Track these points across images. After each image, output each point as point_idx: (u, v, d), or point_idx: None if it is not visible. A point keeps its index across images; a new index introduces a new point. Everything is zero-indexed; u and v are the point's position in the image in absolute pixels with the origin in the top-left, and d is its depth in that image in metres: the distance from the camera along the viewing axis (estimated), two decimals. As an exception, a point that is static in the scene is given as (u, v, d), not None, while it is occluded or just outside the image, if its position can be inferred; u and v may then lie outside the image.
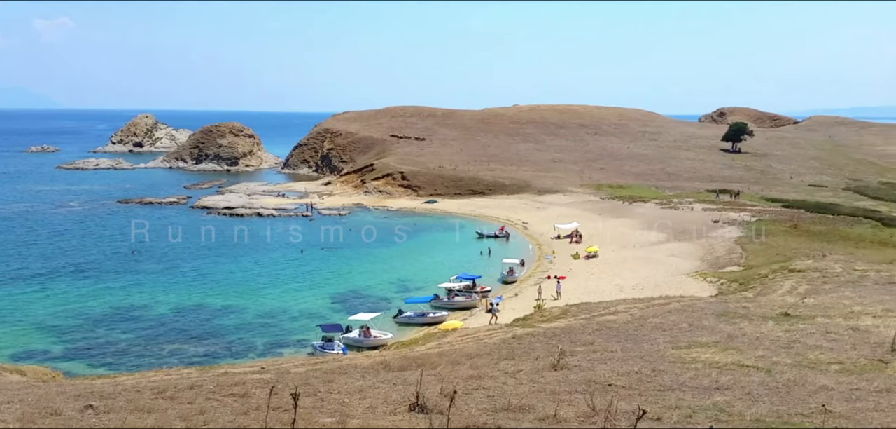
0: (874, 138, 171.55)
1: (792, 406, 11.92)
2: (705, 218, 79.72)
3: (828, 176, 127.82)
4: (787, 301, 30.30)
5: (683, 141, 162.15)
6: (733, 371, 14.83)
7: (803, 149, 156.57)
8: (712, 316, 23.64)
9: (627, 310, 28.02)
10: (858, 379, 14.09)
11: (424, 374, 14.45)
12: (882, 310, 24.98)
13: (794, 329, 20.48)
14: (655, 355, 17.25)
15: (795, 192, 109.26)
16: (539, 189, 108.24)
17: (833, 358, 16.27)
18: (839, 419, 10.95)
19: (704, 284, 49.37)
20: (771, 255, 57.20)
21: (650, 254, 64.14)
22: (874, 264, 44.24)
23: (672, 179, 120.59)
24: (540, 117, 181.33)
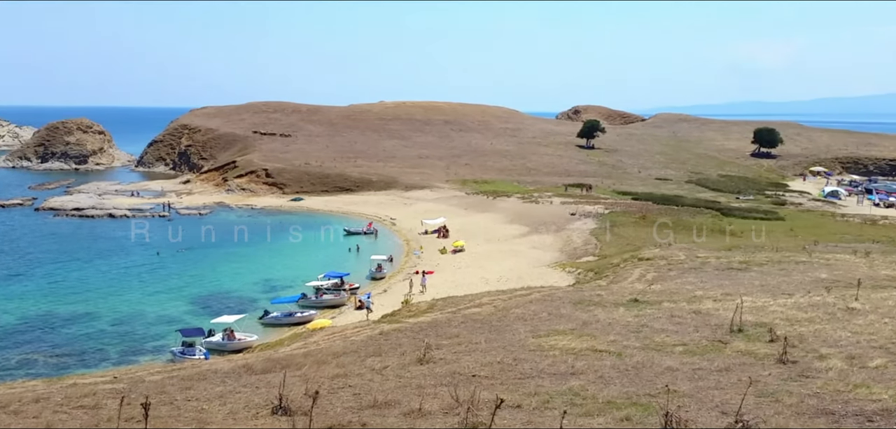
0: (714, 134, 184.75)
1: (640, 387, 12.70)
2: (563, 211, 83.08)
3: (672, 170, 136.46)
4: (637, 288, 32.21)
5: (542, 137, 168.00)
6: (588, 356, 15.61)
7: (650, 145, 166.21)
8: (569, 305, 24.74)
9: (491, 302, 28.78)
10: (700, 359, 15.19)
11: (289, 375, 14.23)
12: (722, 294, 27.04)
13: (643, 314, 21.79)
14: (517, 344, 17.85)
15: (644, 185, 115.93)
16: (406, 185, 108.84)
17: (678, 340, 17.44)
18: (683, 398, 11.77)
19: (563, 274, 51.46)
20: (622, 245, 60.43)
21: (513, 247, 66.09)
22: (714, 252, 47.74)
23: (532, 174, 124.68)
24: (406, 114, 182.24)
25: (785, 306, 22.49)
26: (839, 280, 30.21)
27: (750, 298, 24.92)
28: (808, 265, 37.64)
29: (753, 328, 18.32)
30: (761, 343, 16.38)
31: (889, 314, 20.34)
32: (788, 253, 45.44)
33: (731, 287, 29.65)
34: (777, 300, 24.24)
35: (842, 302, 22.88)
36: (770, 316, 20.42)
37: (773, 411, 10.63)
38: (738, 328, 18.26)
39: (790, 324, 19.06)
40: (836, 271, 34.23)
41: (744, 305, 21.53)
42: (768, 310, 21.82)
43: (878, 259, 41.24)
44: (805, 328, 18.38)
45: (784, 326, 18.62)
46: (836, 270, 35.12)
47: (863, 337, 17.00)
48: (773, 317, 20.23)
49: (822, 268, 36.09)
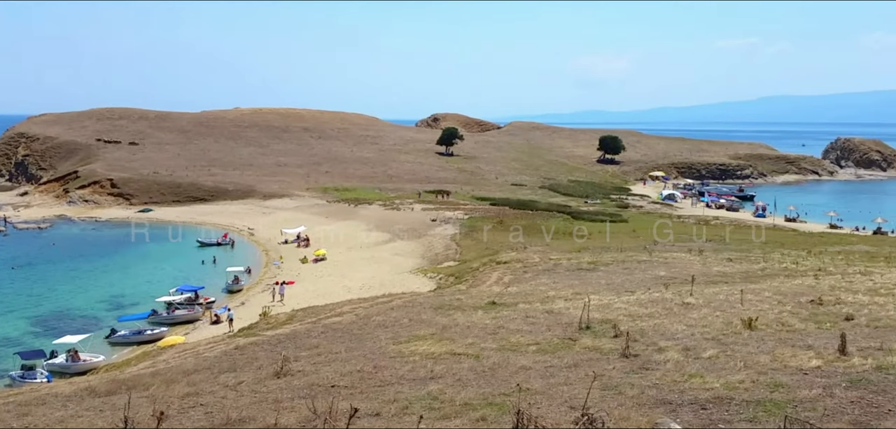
0: (564, 141, 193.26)
1: (496, 387, 13.11)
2: (425, 217, 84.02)
3: (527, 176, 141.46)
4: (494, 291, 33.16)
5: (402, 144, 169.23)
6: (447, 360, 15.92)
7: (506, 152, 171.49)
8: (430, 309, 25.11)
9: (353, 310, 28.69)
10: (552, 357, 15.87)
11: (135, 396, 13.56)
12: (572, 293, 28.37)
13: (500, 316, 22.48)
14: (378, 351, 17.90)
15: (500, 190, 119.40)
16: (264, 194, 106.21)
17: (531, 340, 18.12)
18: (535, 395, 12.25)
19: (425, 279, 52.05)
20: (481, 249, 61.96)
21: (376, 254, 66.09)
22: (566, 254, 49.98)
23: (394, 180, 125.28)
24: (263, 120, 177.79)
25: (628, 303, 23.93)
26: (676, 277, 32.51)
27: (597, 296, 26.32)
28: (649, 264, 40.23)
29: (600, 325, 19.35)
30: (607, 339, 17.33)
31: (720, 308, 22.12)
32: (631, 253, 48.32)
33: (581, 287, 31.17)
34: (621, 298, 25.74)
35: (678, 298, 24.65)
36: (615, 313, 21.66)
37: (616, 404, 11.30)
38: (586, 326, 19.23)
39: (633, 319, 20.31)
40: (673, 269, 36.82)
41: (591, 304, 22.71)
42: (613, 307, 23.13)
43: (710, 257, 44.73)
44: (646, 323, 19.64)
45: (627, 321, 19.81)
46: (673, 267, 37.77)
47: (697, 330, 18.38)
48: (618, 313, 21.48)
49: (661, 266, 38.70)
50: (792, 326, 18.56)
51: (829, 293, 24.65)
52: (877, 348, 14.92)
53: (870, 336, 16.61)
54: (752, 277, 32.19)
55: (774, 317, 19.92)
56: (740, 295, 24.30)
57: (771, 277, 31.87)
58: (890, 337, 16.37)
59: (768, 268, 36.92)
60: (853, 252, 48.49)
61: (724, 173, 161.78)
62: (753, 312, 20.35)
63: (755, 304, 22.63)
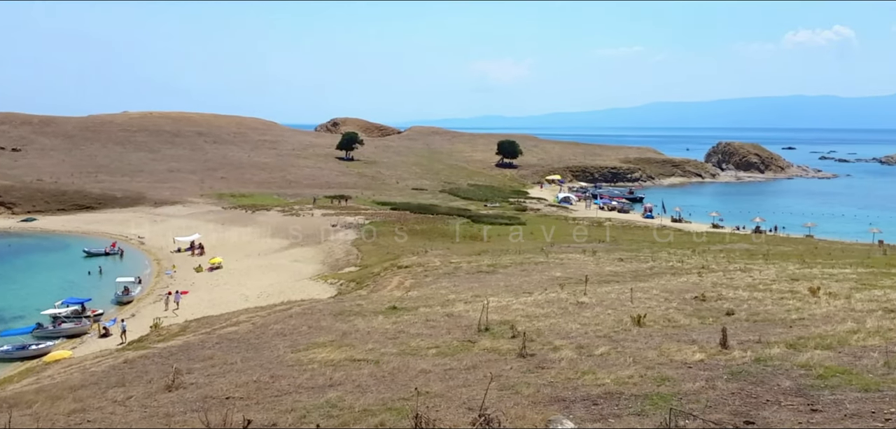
0: (463, 146, 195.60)
1: (395, 392, 13.13)
2: (325, 223, 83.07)
3: (427, 180, 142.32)
4: (396, 295, 33.18)
5: (301, 149, 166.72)
6: (346, 367, 15.80)
7: (406, 156, 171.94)
8: (330, 316, 24.84)
9: (249, 319, 28.03)
10: (451, 360, 16.02)
11: (17, 414, 12.79)
12: (472, 296, 28.74)
13: (400, 321, 22.51)
14: (275, 361, 17.57)
15: (401, 195, 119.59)
16: (156, 201, 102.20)
17: (431, 343, 18.24)
18: (434, 398, 12.35)
19: (325, 285, 51.45)
20: (382, 254, 61.84)
21: (274, 261, 64.79)
22: (466, 257, 50.57)
23: (292, 186, 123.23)
24: (153, 125, 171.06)
25: (526, 304, 24.46)
26: (571, 277, 33.47)
27: (496, 298, 26.78)
28: (546, 265, 41.26)
29: (498, 326, 19.70)
30: (505, 340, 17.66)
31: (612, 306, 22.96)
32: (529, 255, 49.41)
33: (480, 289, 31.62)
34: (519, 299, 26.28)
35: (573, 297, 25.41)
36: (513, 314, 22.10)
37: (512, 403, 11.55)
38: (485, 327, 19.52)
39: (530, 320, 20.78)
40: (569, 270, 37.89)
41: (490, 306, 23.09)
42: (511, 308, 23.60)
43: (603, 257, 46.30)
44: (542, 323, 20.14)
45: (524, 322, 20.26)
46: (568, 268, 38.87)
47: (590, 328, 19.01)
48: (516, 314, 21.93)
49: (557, 267, 39.77)
50: (678, 322, 19.49)
51: (711, 290, 26.01)
52: (755, 341, 15.86)
53: (749, 330, 17.64)
54: (641, 276, 33.55)
55: (662, 314, 20.85)
56: (630, 293, 25.29)
57: (659, 276, 33.31)
58: (767, 330, 17.45)
59: (656, 267, 38.57)
60: (734, 250, 51.36)
61: (616, 176, 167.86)
62: (642, 309, 21.22)
63: (644, 301, 23.62)
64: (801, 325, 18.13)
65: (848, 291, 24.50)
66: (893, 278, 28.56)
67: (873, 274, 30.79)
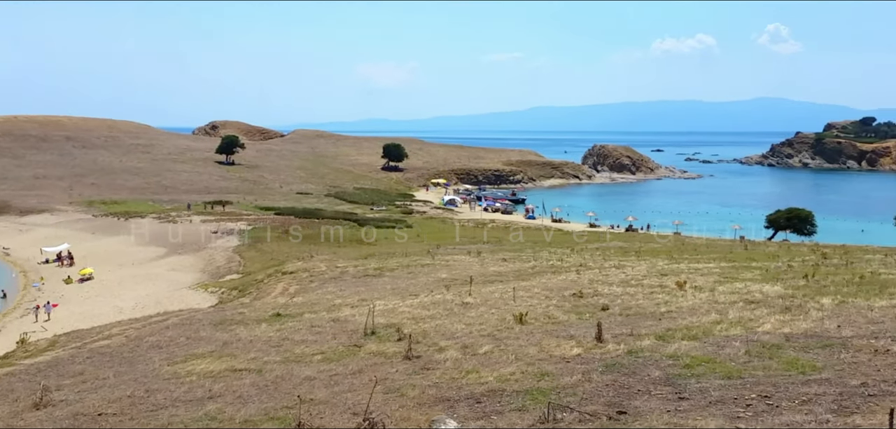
0: (348, 149, 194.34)
1: (279, 401, 12.90)
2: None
3: (312, 184, 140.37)
4: (280, 302, 32.53)
5: (178, 154, 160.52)
6: (227, 378, 15.36)
7: (290, 160, 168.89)
8: (210, 326, 24.03)
9: (123, 332, 26.70)
10: (337, 365, 15.90)
11: None
12: (358, 300, 28.58)
13: (285, 328, 22.09)
14: (151, 374, 16.85)
15: (285, 200, 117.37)
16: (21, 209, 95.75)
17: (316, 350, 18.02)
18: (318, 405, 12.23)
19: (206, 295, 49.74)
20: (266, 260, 60.46)
21: (150, 270, 62.02)
22: (352, 261, 50.23)
23: (169, 192, 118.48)
24: (17, 129, 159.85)
25: (412, 306, 24.60)
26: (456, 279, 33.92)
27: (382, 301, 26.78)
28: (432, 267, 41.61)
29: (385, 329, 19.73)
30: (391, 343, 17.71)
31: (495, 305, 23.45)
32: (416, 257, 49.68)
33: (367, 293, 31.51)
34: (405, 301, 26.39)
35: (458, 298, 25.78)
36: (399, 317, 22.18)
37: (397, 405, 11.62)
38: (371, 331, 19.50)
39: (416, 322, 20.93)
40: (454, 271, 38.38)
41: (377, 309, 23.06)
42: (398, 311, 23.67)
43: (487, 258, 47.19)
44: (428, 325, 20.33)
45: (410, 324, 20.38)
46: (454, 269, 39.37)
47: (474, 328, 19.36)
48: (402, 317, 22.03)
49: (443, 269, 40.19)
50: (557, 318, 20.17)
51: (588, 287, 27.07)
52: (628, 334, 16.67)
53: (622, 324, 18.50)
54: (523, 275, 34.44)
55: (542, 311, 21.51)
56: (513, 292, 25.93)
57: (540, 275, 34.30)
58: (639, 324, 18.36)
59: (537, 266, 39.70)
60: (609, 248, 53.61)
61: (499, 178, 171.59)
62: (524, 307, 21.81)
63: (526, 300, 24.27)
64: (670, 317, 19.19)
65: (712, 284, 26.11)
66: (753, 272, 30.69)
67: (735, 268, 32.96)
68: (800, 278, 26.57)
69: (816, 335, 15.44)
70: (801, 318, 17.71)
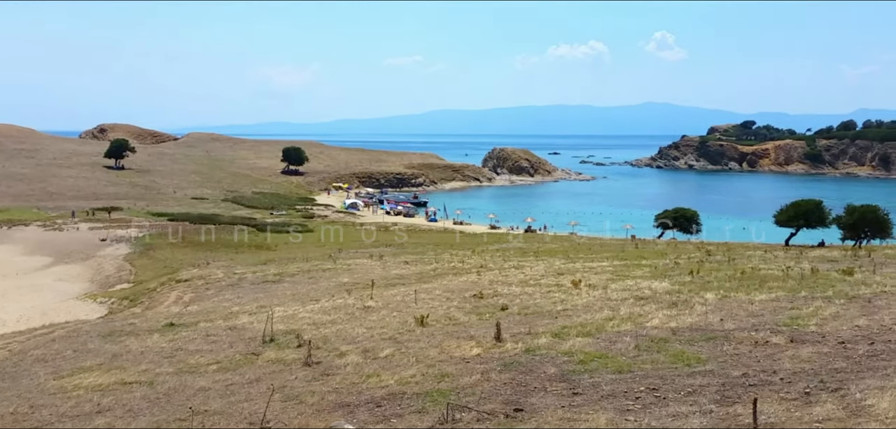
0: (246, 153, 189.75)
1: (171, 413, 12.49)
2: (93, 237, 76.52)
3: (208, 189, 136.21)
4: (173, 311, 31.42)
5: (64, 158, 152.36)
6: (116, 391, 14.73)
7: (184, 164, 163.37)
8: (98, 338, 22.95)
9: (6, 346, 25.09)
10: (233, 375, 15.52)
11: None
12: (257, 307, 27.98)
13: (178, 337, 21.36)
14: (35, 389, 15.94)
15: (180, 205, 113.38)
16: None
17: (212, 359, 17.52)
18: (213, 416, 11.91)
19: (94, 305, 47.42)
20: (159, 268, 58.23)
21: (36, 280, 58.49)
22: (251, 267, 49.11)
23: (54, 198, 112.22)
24: None
25: (312, 312, 24.32)
26: (358, 282, 33.80)
27: (282, 307, 26.34)
28: (334, 272, 41.25)
29: (284, 336, 19.41)
30: (290, 350, 17.45)
31: (397, 308, 23.51)
32: (317, 262, 49.10)
33: (266, 299, 30.91)
34: (306, 307, 26.06)
35: (360, 302, 25.68)
36: (299, 322, 21.88)
37: (296, 413, 11.47)
38: (270, 338, 19.14)
39: (316, 327, 20.71)
40: (356, 275, 38.21)
41: (276, 315, 22.67)
42: (298, 317, 23.33)
43: (390, 261, 47.21)
44: (329, 330, 20.16)
45: (311, 330, 20.14)
46: (356, 273, 39.18)
47: (376, 331, 19.34)
48: (302, 323, 21.74)
49: (345, 273, 39.91)
50: (458, 319, 20.43)
51: (488, 288, 27.55)
52: (526, 333, 17.08)
53: (520, 323, 18.94)
54: (425, 278, 34.67)
55: (443, 313, 21.73)
56: (415, 295, 26.08)
57: (442, 276, 34.62)
58: (536, 322, 18.84)
59: (439, 268, 40.05)
60: (509, 249, 54.69)
61: (401, 182, 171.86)
62: (426, 309, 21.98)
63: (427, 302, 24.46)
64: (566, 315, 19.79)
65: (605, 282, 27.11)
66: (643, 269, 32.04)
67: (626, 266, 34.32)
68: (686, 275, 27.95)
69: (701, 329, 16.30)
70: (687, 312, 18.65)
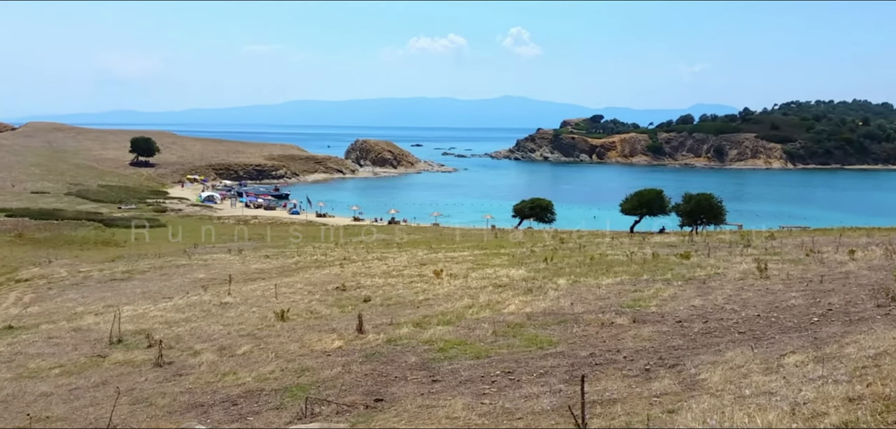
0: (91, 144, 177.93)
1: (8, 422, 11.64)
2: None
3: (50, 182, 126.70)
4: (12, 313, 29.09)
5: None
6: (-59, 404, 13.52)
7: (23, 156, 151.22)
8: (-81, 348, 20.92)
9: None
10: (77, 378, 14.64)
11: None
12: (104, 307, 26.44)
13: (18, 341, 19.88)
14: None
15: (18, 200, 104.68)
16: None
17: (55, 363, 16.45)
18: (56, 422, 11.22)
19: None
20: (-7, 268, 53.61)
21: None
22: (97, 264, 46.21)
23: None
24: None
25: (165, 310, 23.31)
26: (215, 278, 32.68)
27: (131, 306, 25.06)
28: (189, 268, 39.61)
29: (133, 337, 18.51)
30: (140, 350, 16.67)
31: (256, 304, 22.97)
32: (170, 258, 46.97)
33: (114, 298, 29.27)
34: (158, 305, 24.93)
35: (216, 298, 24.88)
36: (150, 322, 20.91)
37: (145, 416, 10.99)
38: (118, 339, 18.19)
39: (169, 326, 19.87)
40: (213, 271, 36.91)
41: (125, 315, 21.58)
42: (149, 316, 22.29)
43: (249, 255, 45.96)
44: (182, 328, 19.40)
45: (163, 329, 19.32)
46: (213, 269, 37.84)
47: (233, 328, 18.82)
48: (153, 322, 20.79)
49: (200, 269, 38.44)
50: (320, 312, 20.26)
51: (351, 280, 27.47)
52: (388, 324, 17.21)
53: (383, 314, 19.05)
54: (287, 272, 34.06)
55: (305, 306, 21.48)
56: (275, 289, 25.58)
57: (303, 270, 34.14)
58: (398, 312, 19.02)
59: (301, 261, 39.46)
60: (372, 241, 54.73)
61: (261, 174, 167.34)
62: (286, 304, 21.63)
63: (288, 296, 24.08)
64: (427, 305, 20.12)
65: (466, 271, 27.75)
66: (502, 258, 33.06)
67: (486, 255, 35.28)
68: (541, 262, 29.12)
69: (553, 313, 17.07)
70: (541, 298, 19.46)
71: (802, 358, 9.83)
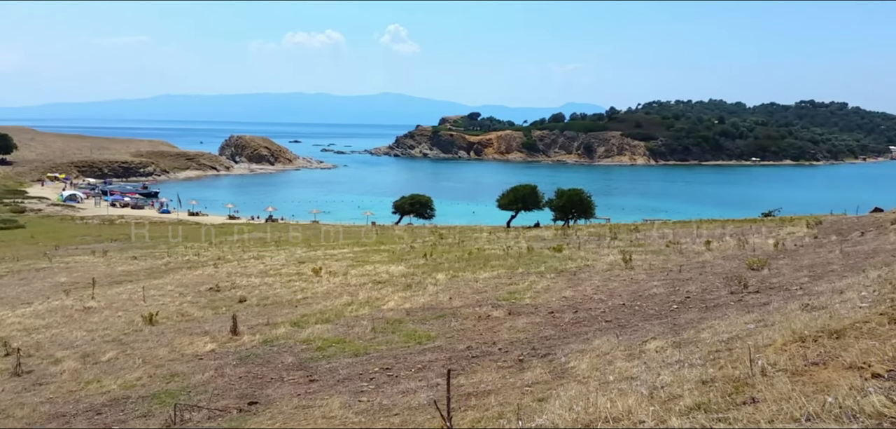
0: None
1: None
2: None
3: None
4: None
5: None
6: None
7: None
8: None
9: None
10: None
11: None
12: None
13: None
14: None
15: None
16: None
17: None
18: None
19: None
20: None
21: None
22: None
23: None
24: None
25: (23, 316, 21.80)
26: (78, 282, 30.86)
27: (-17, 315, 23.27)
28: (49, 271, 37.19)
29: (-13, 346, 17.23)
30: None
31: (123, 308, 21.88)
32: (29, 261, 43.91)
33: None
34: (16, 311, 23.28)
35: (80, 303, 23.49)
36: (7, 329, 19.52)
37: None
38: (-32, 350, 16.87)
39: (27, 333, 18.63)
40: (76, 274, 34.83)
41: (-25, 325, 19.99)
42: (6, 323, 20.79)
43: (115, 257, 43.65)
44: (42, 335, 18.24)
45: (21, 336, 18.09)
46: (75, 272, 35.69)
47: (98, 333, 17.87)
48: (11, 329, 19.42)
49: (62, 272, 36.17)
50: (191, 315, 19.58)
51: (226, 280, 26.69)
52: (264, 324, 16.88)
53: (259, 314, 18.66)
54: (156, 273, 32.63)
55: (176, 309, 20.68)
56: (143, 292, 24.47)
57: (174, 271, 32.82)
58: (275, 312, 18.69)
59: (172, 262, 37.90)
60: (249, 240, 53.28)
61: (128, 171, 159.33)
62: (155, 307, 20.75)
63: (158, 298, 23.09)
64: (306, 303, 19.88)
65: (345, 268, 27.60)
66: (382, 254, 33.11)
67: (366, 252, 35.22)
68: (420, 258, 29.41)
69: (432, 308, 17.32)
70: (420, 293, 19.68)
71: (662, 344, 10.47)
